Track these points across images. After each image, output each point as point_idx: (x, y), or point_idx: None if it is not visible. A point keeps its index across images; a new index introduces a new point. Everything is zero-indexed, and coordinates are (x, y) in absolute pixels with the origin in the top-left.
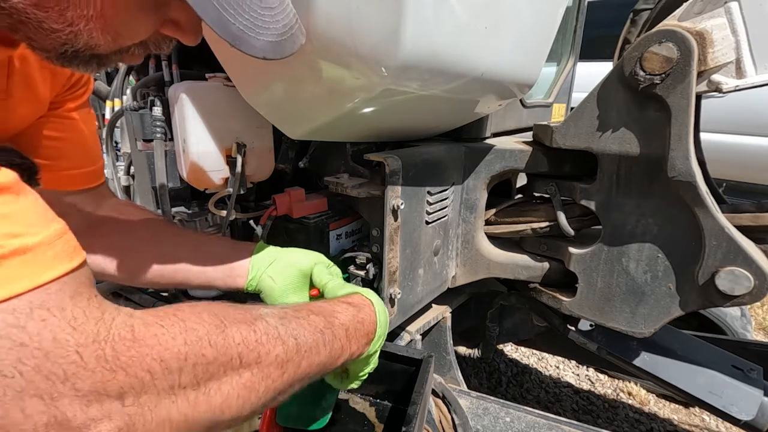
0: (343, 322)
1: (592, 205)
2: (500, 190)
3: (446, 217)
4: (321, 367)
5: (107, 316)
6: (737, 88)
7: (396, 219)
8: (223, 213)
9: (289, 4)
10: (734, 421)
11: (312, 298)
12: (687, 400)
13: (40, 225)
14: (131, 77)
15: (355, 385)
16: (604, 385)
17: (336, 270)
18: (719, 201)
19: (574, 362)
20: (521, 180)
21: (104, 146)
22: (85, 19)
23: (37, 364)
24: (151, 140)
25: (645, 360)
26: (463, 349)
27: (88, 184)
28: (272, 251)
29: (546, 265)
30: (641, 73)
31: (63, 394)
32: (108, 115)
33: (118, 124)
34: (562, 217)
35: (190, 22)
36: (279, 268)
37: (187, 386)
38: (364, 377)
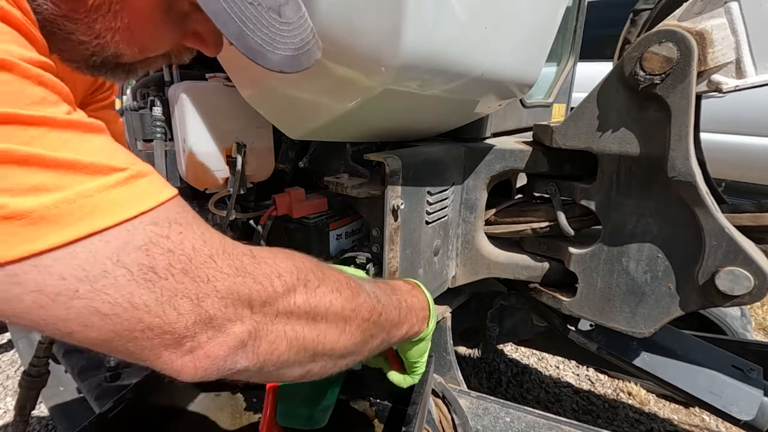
0: (403, 294)
1: (592, 205)
2: (500, 190)
3: (446, 217)
4: (393, 325)
5: (227, 239)
6: (737, 88)
7: (396, 219)
8: (223, 213)
9: (307, 19)
10: (734, 421)
11: None
12: (687, 400)
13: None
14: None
15: (413, 380)
16: (604, 385)
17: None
18: (719, 201)
19: (574, 362)
20: (521, 180)
21: None
22: (113, 31)
23: (184, 267)
24: (151, 140)
25: (645, 360)
26: (463, 349)
27: None
28: None
29: (546, 265)
30: (641, 73)
31: (207, 294)
32: None
33: None
34: (562, 217)
35: (212, 34)
36: None
37: (299, 302)
38: (421, 368)
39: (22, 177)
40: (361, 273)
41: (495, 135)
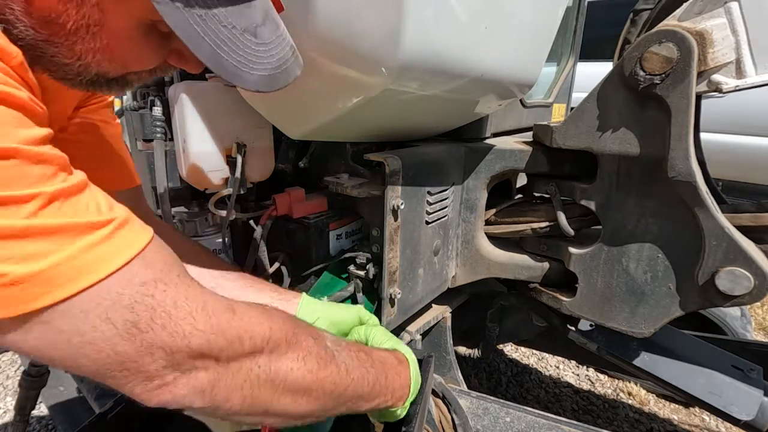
0: (385, 369)
1: (592, 205)
2: (500, 190)
3: (446, 217)
4: (360, 398)
5: (208, 293)
6: (737, 88)
7: (396, 219)
8: (223, 213)
9: (286, 37)
10: (734, 421)
11: None
12: (687, 400)
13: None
14: None
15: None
16: (604, 385)
17: (375, 320)
18: (719, 201)
19: (574, 362)
20: (521, 180)
21: None
22: (93, 51)
23: (164, 323)
24: (151, 140)
25: (645, 360)
26: (463, 349)
27: (114, 187)
28: (316, 309)
29: (546, 265)
30: (641, 73)
31: (180, 349)
32: None
33: None
34: (562, 217)
35: (193, 54)
36: (322, 327)
37: (262, 365)
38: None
39: (20, 248)
40: (352, 314)
41: (495, 135)
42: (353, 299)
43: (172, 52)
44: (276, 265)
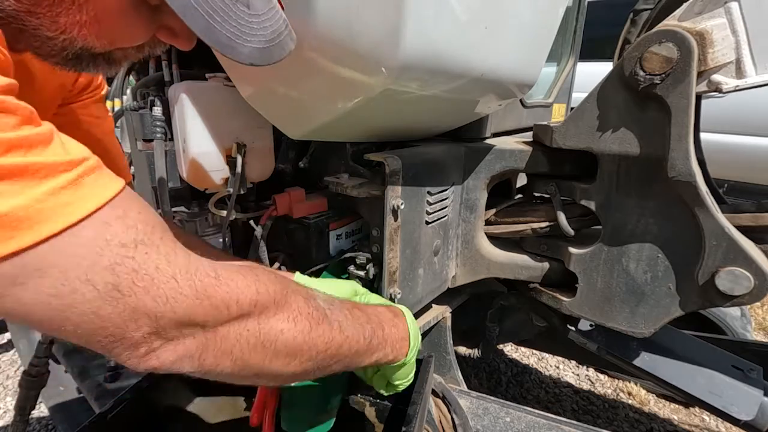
0: (381, 323)
1: (592, 205)
2: (500, 190)
3: (446, 217)
4: (357, 355)
5: (192, 256)
6: (737, 88)
7: (396, 219)
8: (223, 213)
9: (278, 10)
10: (734, 421)
11: None
12: (687, 400)
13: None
14: (131, 77)
15: (386, 390)
16: (604, 385)
17: (372, 297)
18: (719, 201)
19: (574, 362)
20: (521, 180)
21: None
22: (79, 25)
23: (146, 286)
24: (151, 140)
25: (645, 360)
26: (463, 349)
27: None
28: (309, 284)
29: (546, 265)
30: (641, 73)
31: (164, 314)
32: None
33: (118, 124)
34: (562, 217)
35: (184, 28)
36: None
37: (251, 328)
38: (402, 387)
39: None
40: (347, 288)
41: (495, 135)
42: None
43: (161, 27)
44: (276, 265)
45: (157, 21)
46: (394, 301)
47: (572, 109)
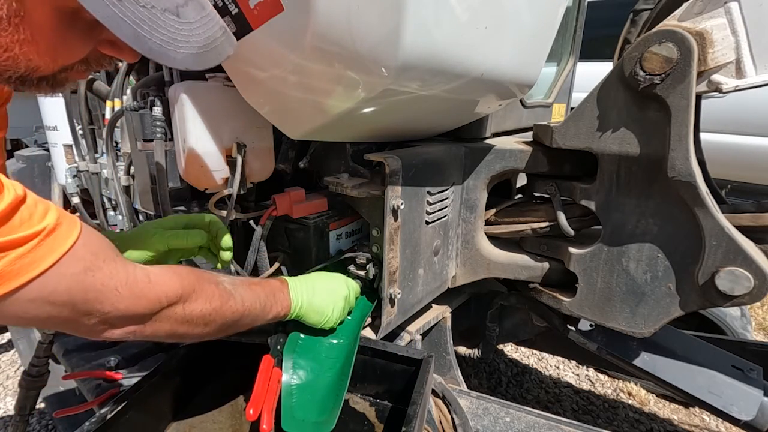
0: (271, 291)
1: (592, 205)
2: (500, 190)
3: (446, 217)
4: (256, 317)
5: (130, 268)
6: (737, 88)
7: (396, 219)
8: (223, 213)
9: (214, 16)
10: (734, 421)
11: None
12: (687, 400)
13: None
14: (131, 77)
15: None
16: (604, 385)
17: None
18: (719, 201)
19: (574, 362)
20: (521, 180)
21: (104, 146)
22: (19, 43)
23: (96, 297)
24: (151, 140)
25: (645, 360)
26: (463, 349)
27: None
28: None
29: (546, 265)
30: (641, 73)
31: (110, 312)
32: (108, 115)
33: (118, 124)
34: (562, 217)
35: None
36: None
37: (178, 312)
38: (330, 324)
39: None
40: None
41: (495, 135)
42: None
43: (102, 41)
44: (276, 265)
45: (96, 35)
46: (393, 302)
47: (572, 109)
